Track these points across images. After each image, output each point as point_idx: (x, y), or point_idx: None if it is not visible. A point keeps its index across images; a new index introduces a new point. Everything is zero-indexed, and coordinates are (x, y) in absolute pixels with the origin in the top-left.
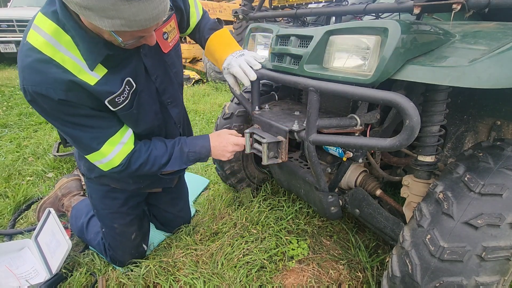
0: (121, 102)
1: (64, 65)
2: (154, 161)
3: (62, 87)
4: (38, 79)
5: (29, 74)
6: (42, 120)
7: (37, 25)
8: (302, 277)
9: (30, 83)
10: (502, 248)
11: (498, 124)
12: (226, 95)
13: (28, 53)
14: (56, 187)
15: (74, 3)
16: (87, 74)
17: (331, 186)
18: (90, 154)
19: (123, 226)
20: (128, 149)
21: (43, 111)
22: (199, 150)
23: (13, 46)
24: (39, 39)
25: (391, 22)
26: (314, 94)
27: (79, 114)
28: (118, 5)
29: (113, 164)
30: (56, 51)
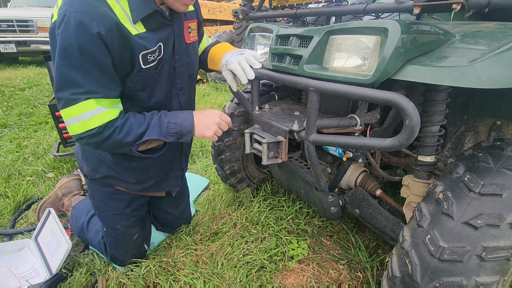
0: (150, 62)
1: (113, 9)
2: (129, 129)
3: (107, 24)
4: (86, 9)
5: (80, 3)
6: (42, 120)
7: None
8: (302, 277)
9: (76, 10)
10: (502, 248)
11: (498, 124)
12: (226, 95)
13: None
14: (57, 187)
15: None
16: (129, 24)
17: (331, 186)
18: (70, 106)
19: (126, 228)
20: (111, 117)
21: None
22: (181, 122)
23: (13, 46)
24: None
25: (391, 22)
26: (314, 94)
27: (97, 61)
28: None
29: (88, 125)
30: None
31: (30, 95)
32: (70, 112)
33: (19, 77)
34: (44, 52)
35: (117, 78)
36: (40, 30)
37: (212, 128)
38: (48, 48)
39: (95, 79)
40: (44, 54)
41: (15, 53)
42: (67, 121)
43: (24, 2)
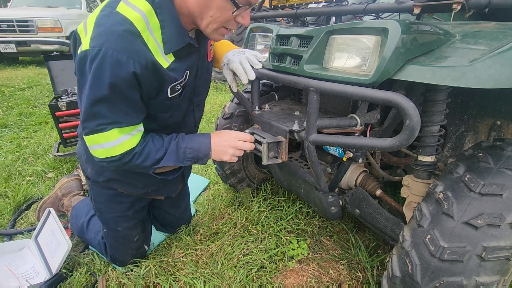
0: (176, 90)
1: (147, 43)
2: (148, 154)
3: (142, 62)
4: (124, 46)
5: (117, 39)
6: (42, 120)
7: (131, 2)
8: (302, 277)
9: (113, 47)
10: (502, 248)
11: (498, 124)
12: (226, 95)
13: (121, 22)
14: (56, 187)
15: None
16: (161, 57)
17: (331, 186)
18: (94, 134)
19: (127, 229)
20: (132, 144)
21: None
22: (198, 147)
23: (13, 46)
24: (134, 13)
25: (391, 22)
26: (314, 94)
27: (127, 96)
28: None
29: (110, 153)
30: (145, 28)
31: (30, 95)
32: (94, 140)
33: (19, 77)
34: (44, 52)
35: (143, 107)
36: (40, 30)
37: (229, 152)
38: (48, 48)
39: (122, 111)
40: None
41: (15, 53)
42: (90, 146)
43: (24, 2)
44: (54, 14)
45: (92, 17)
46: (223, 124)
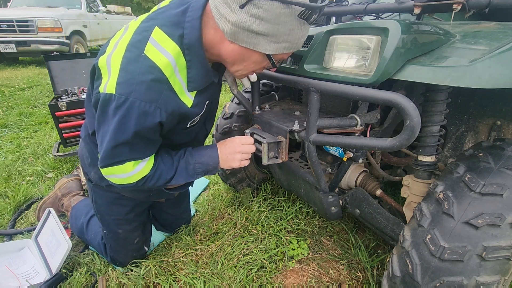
0: (196, 120)
1: (174, 87)
2: (159, 176)
3: (169, 110)
4: (152, 97)
5: (146, 89)
6: (42, 120)
7: (160, 44)
8: (302, 277)
9: (142, 98)
10: (502, 248)
11: (498, 124)
12: (226, 95)
13: (150, 70)
14: (56, 187)
15: (247, 31)
16: (185, 96)
17: (331, 186)
18: (111, 167)
19: (128, 232)
20: (146, 172)
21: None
22: (206, 161)
23: (13, 46)
24: (163, 59)
25: (391, 22)
26: (314, 94)
27: (149, 139)
28: (295, 30)
29: (125, 181)
30: (173, 73)
31: (30, 95)
32: (110, 171)
33: (19, 77)
34: (44, 52)
35: (160, 140)
36: (40, 30)
37: (237, 158)
38: (48, 48)
39: (141, 149)
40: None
41: (15, 53)
42: (106, 176)
43: (24, 2)
44: (54, 14)
45: (117, 57)
46: (223, 124)
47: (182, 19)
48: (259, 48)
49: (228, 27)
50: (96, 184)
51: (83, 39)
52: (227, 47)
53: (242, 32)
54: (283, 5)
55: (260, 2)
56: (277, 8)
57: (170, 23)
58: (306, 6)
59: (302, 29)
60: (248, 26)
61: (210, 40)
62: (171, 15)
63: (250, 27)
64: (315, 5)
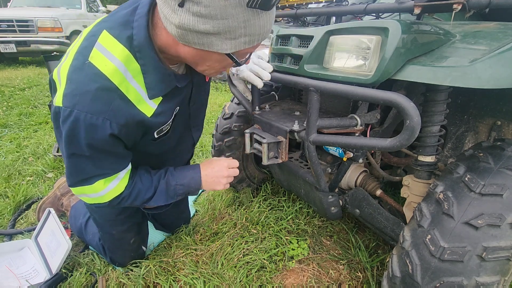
0: (164, 130)
1: (127, 95)
2: (137, 195)
3: (121, 121)
4: (98, 108)
5: (90, 100)
6: (42, 120)
7: (106, 48)
8: (302, 277)
9: (86, 110)
10: (502, 248)
11: (499, 124)
12: (226, 95)
13: (94, 78)
14: (55, 186)
15: (195, 32)
16: (145, 104)
17: (331, 186)
18: (80, 186)
19: (121, 233)
20: (119, 190)
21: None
22: (188, 183)
23: (13, 46)
24: (109, 65)
25: (391, 22)
26: (314, 94)
27: (108, 151)
28: (250, 20)
29: (98, 201)
30: (123, 79)
31: (30, 95)
32: (80, 191)
33: (19, 77)
34: (44, 52)
35: (129, 153)
36: (40, 30)
37: (222, 182)
38: (48, 48)
39: (106, 164)
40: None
41: (15, 53)
42: (77, 195)
43: (24, 2)
44: (54, 14)
45: (66, 66)
46: (223, 124)
47: (131, 18)
48: (215, 48)
49: (173, 30)
50: None
51: None
52: (183, 49)
53: (189, 33)
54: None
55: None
56: (219, 1)
57: (119, 24)
58: None
59: (261, 18)
60: (192, 26)
61: (165, 42)
62: (121, 15)
63: (196, 28)
64: None
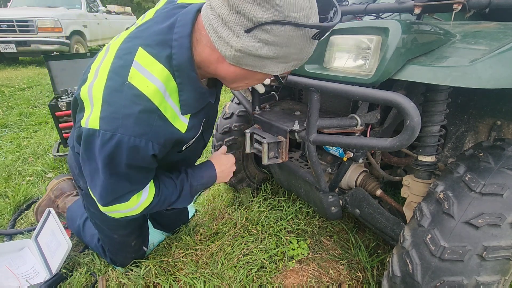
0: (191, 143)
1: (165, 114)
2: (163, 201)
3: (161, 141)
4: (141, 131)
5: (133, 124)
6: (42, 120)
7: (145, 68)
8: (302, 277)
9: (129, 133)
10: (502, 247)
11: (499, 124)
12: (226, 95)
13: (136, 100)
14: (48, 189)
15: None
16: (179, 121)
17: (331, 186)
18: (114, 204)
19: (123, 236)
20: (148, 201)
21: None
22: (207, 181)
23: (13, 46)
24: (150, 86)
25: (391, 22)
26: (314, 94)
27: (146, 168)
28: (305, 48)
29: (132, 213)
30: (163, 99)
31: (30, 95)
32: (114, 208)
33: (19, 77)
34: (44, 52)
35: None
36: (40, 30)
37: (230, 175)
38: (48, 48)
39: (141, 179)
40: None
41: (15, 53)
42: (107, 212)
43: (24, 2)
44: (54, 14)
45: (99, 86)
46: (223, 124)
47: (169, 37)
48: (265, 70)
49: (231, 52)
50: (87, 193)
51: (83, 39)
52: (228, 68)
53: (247, 57)
54: (296, 28)
55: (271, 27)
56: (289, 32)
57: (155, 42)
58: (321, 28)
59: (312, 46)
60: (255, 52)
61: (206, 59)
62: (155, 32)
63: (258, 53)
64: (328, 25)
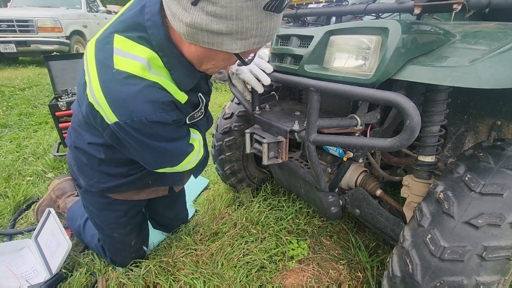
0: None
1: (164, 86)
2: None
3: (172, 108)
4: (150, 108)
5: (141, 104)
6: (42, 120)
7: (127, 52)
8: (302, 277)
9: (144, 114)
10: (502, 247)
11: (499, 124)
12: (226, 95)
13: (128, 81)
14: (49, 189)
15: (206, 31)
16: (180, 93)
17: (331, 186)
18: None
19: (123, 235)
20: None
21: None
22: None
23: (13, 46)
24: (136, 65)
25: (391, 22)
26: (314, 94)
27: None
28: (262, 22)
29: (200, 155)
30: (152, 75)
31: (30, 95)
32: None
33: (19, 77)
34: (44, 52)
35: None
36: (40, 30)
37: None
38: (48, 48)
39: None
40: (44, 54)
41: (15, 53)
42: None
43: (24, 2)
44: (54, 14)
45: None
46: (223, 124)
47: (141, 18)
48: (224, 48)
49: (183, 29)
50: (86, 190)
51: (83, 39)
52: (189, 48)
53: (200, 32)
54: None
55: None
56: (237, 2)
57: (130, 26)
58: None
59: (272, 20)
60: (205, 26)
61: (175, 40)
62: (129, 17)
63: (209, 27)
64: None
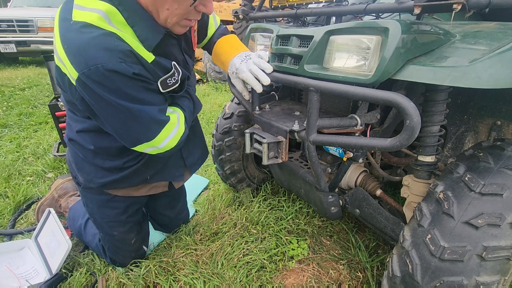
0: (170, 85)
1: (124, 39)
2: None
3: (133, 60)
4: (108, 55)
5: (96, 51)
6: (42, 120)
7: (84, 6)
8: (302, 277)
9: (100, 61)
10: (502, 247)
11: (498, 124)
12: (226, 95)
13: (85, 30)
14: (52, 188)
15: None
16: (143, 50)
17: (331, 186)
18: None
19: (123, 233)
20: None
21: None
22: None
23: (13, 46)
24: (93, 15)
25: (391, 22)
26: (314, 94)
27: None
28: None
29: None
30: (112, 27)
31: (30, 95)
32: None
33: (19, 77)
34: (44, 52)
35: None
36: (40, 30)
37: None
38: (48, 48)
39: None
40: (44, 54)
41: (15, 53)
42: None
43: (24, 2)
44: (54, 14)
45: (58, 45)
46: (223, 124)
47: None
48: None
49: None
50: (85, 187)
51: None
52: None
53: None
54: None
55: None
56: None
57: None
58: None
59: None
60: None
61: None
62: None
63: None
64: None
